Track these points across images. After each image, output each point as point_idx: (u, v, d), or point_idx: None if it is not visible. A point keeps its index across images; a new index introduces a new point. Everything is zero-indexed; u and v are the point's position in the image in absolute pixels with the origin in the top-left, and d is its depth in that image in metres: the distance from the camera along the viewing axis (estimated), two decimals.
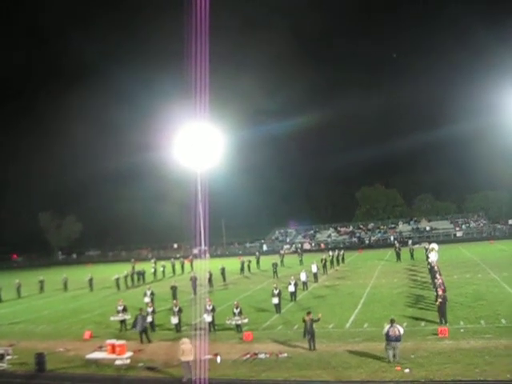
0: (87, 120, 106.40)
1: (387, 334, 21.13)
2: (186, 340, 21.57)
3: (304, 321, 24.04)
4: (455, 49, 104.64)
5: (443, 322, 26.09)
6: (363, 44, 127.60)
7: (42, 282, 54.29)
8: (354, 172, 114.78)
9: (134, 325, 28.26)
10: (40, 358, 23.62)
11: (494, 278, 40.66)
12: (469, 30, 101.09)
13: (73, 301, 46.41)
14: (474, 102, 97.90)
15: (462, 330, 25.11)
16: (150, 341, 27.59)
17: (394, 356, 20.91)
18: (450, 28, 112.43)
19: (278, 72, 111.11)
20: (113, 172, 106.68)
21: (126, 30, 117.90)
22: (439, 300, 26.46)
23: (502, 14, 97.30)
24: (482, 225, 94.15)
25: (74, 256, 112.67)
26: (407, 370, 19.90)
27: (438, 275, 33.59)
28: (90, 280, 52.44)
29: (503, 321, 26.28)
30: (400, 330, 21.22)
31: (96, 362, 24.18)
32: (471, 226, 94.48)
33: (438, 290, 27.49)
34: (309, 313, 24.45)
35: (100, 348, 25.69)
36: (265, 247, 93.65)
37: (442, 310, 26.43)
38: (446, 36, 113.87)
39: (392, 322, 21.42)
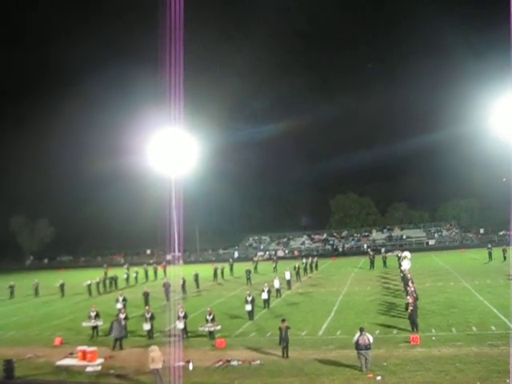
0: (61, 124, 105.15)
1: (357, 343, 21.21)
2: (154, 347, 21.39)
3: (279, 328, 23.99)
4: (428, 60, 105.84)
5: (415, 329, 26.26)
6: (340, 51, 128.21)
7: (12, 287, 53.51)
8: (328, 180, 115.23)
9: (110, 331, 28.00)
10: (8, 365, 23.18)
11: (466, 286, 41.10)
12: (442, 41, 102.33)
13: (44, 306, 45.83)
14: (446, 112, 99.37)
15: (433, 338, 25.30)
16: (121, 348, 27.32)
17: (366, 363, 20.96)
18: (424, 38, 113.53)
19: (254, 77, 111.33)
20: (87, 177, 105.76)
21: (100, 34, 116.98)
22: (410, 308, 26.63)
23: (475, 25, 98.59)
24: (454, 233, 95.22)
25: (46, 261, 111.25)
26: (379, 378, 19.98)
27: (410, 283, 33.85)
28: (62, 285, 51.84)
29: (474, 328, 26.55)
30: (369, 338, 21.27)
31: (66, 368, 23.88)
32: (443, 234, 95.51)
33: (409, 298, 27.67)
34: (283, 320, 24.42)
35: (71, 354, 25.39)
36: (236, 254, 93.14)
37: (413, 318, 26.60)
38: (420, 46, 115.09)
39: (361, 330, 21.51)
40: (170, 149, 57.11)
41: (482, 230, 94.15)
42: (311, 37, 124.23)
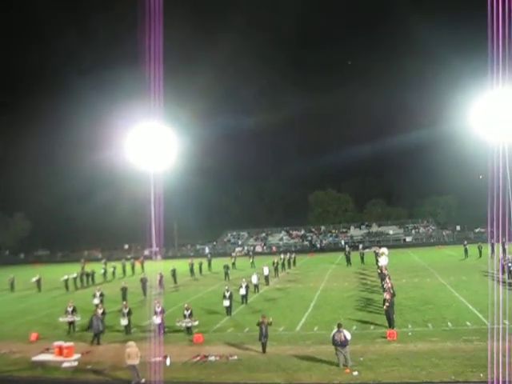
0: (39, 119, 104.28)
1: (333, 339, 21.31)
2: (131, 343, 21.35)
3: (259, 324, 24.03)
4: (409, 57, 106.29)
5: (391, 325, 26.47)
6: (322, 46, 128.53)
7: None
8: (307, 176, 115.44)
9: (90, 326, 27.85)
10: None
11: (442, 282, 41.49)
12: (423, 40, 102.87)
13: (20, 302, 45.43)
14: (425, 111, 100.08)
15: (409, 333, 25.54)
16: (99, 343, 27.19)
17: (346, 360, 21.06)
18: (404, 34, 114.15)
19: (234, 72, 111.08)
20: (65, 170, 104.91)
21: (79, 27, 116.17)
22: (386, 304, 26.84)
23: (455, 25, 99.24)
24: (430, 230, 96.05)
25: (22, 256, 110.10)
26: (356, 373, 20.13)
27: (387, 279, 34.05)
28: (38, 280, 51.44)
29: (449, 324, 26.85)
30: (346, 335, 21.35)
31: (42, 364, 23.71)
32: (420, 231, 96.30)
33: (386, 294, 27.88)
34: (263, 316, 24.47)
35: (47, 350, 25.22)
36: (207, 250, 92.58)
37: (389, 314, 26.81)
38: (400, 43, 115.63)
39: (339, 326, 21.58)
40: (149, 143, 56.91)
41: (458, 227, 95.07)
42: (296, 32, 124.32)
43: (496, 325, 24.29)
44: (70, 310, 30.85)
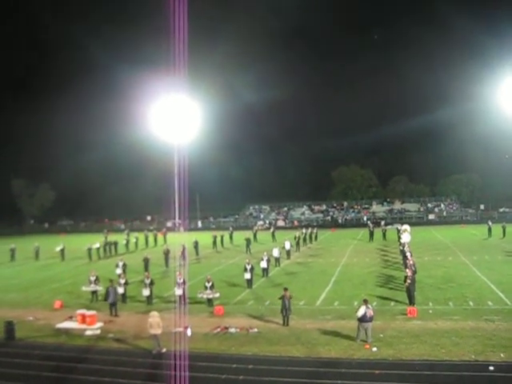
0: (64, 92, 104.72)
1: (364, 315, 21.22)
2: (154, 313, 21.60)
3: (281, 297, 24.13)
4: (433, 36, 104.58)
5: (412, 302, 26.42)
6: (348, 24, 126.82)
7: (12, 250, 53.83)
8: (331, 151, 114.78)
9: (107, 297, 28.20)
10: (9, 326, 23.50)
11: (464, 261, 41.27)
12: (446, 17, 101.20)
13: (44, 270, 46.15)
14: (448, 89, 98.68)
15: (430, 311, 25.50)
16: (116, 315, 27.40)
17: (367, 336, 21.09)
18: (428, 14, 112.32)
19: (258, 45, 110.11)
20: (89, 142, 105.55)
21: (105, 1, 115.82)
22: (408, 281, 26.75)
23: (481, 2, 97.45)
24: (454, 209, 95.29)
25: (46, 225, 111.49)
26: (375, 349, 20.18)
27: (409, 256, 33.98)
28: (62, 250, 52.10)
29: (471, 303, 26.74)
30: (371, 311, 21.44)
31: (66, 331, 24.16)
32: (443, 209, 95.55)
33: (407, 270, 27.80)
34: (286, 289, 24.55)
35: (70, 318, 25.66)
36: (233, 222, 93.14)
37: (410, 291, 26.74)
38: (424, 22, 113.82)
39: (366, 302, 21.52)
40: (173, 116, 57.01)
41: (482, 206, 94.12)
42: (317, 7, 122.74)
43: None
44: (92, 279, 31.26)
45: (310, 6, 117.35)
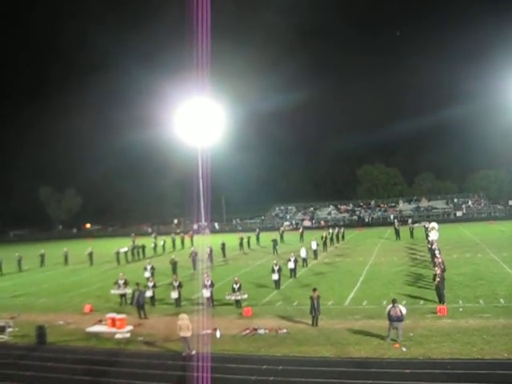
0: (89, 96, 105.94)
1: (389, 314, 21.15)
2: (183, 316, 21.68)
3: (311, 297, 24.08)
4: (456, 31, 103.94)
5: (441, 300, 26.17)
6: (366, 23, 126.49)
7: (42, 256, 54.42)
8: (355, 150, 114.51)
9: (132, 300, 28.40)
10: (41, 331, 23.81)
11: (494, 258, 40.74)
12: (469, 12, 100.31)
13: (73, 274, 46.62)
14: (474, 83, 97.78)
15: (460, 309, 25.22)
16: (145, 317, 27.56)
17: (397, 335, 20.96)
18: (451, 10, 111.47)
19: (281, 47, 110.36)
20: (114, 147, 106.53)
21: (125, 3, 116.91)
22: (437, 279, 26.51)
23: None
24: (482, 205, 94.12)
25: (74, 230, 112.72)
26: (404, 349, 20.01)
27: (438, 254, 33.65)
28: (90, 254, 52.56)
29: (502, 300, 26.39)
30: (402, 309, 21.22)
31: (96, 335, 24.35)
32: (471, 205, 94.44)
33: (436, 269, 27.55)
34: (315, 289, 24.48)
35: (100, 322, 25.84)
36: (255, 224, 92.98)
37: (439, 289, 26.50)
38: (446, 18, 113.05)
39: (394, 302, 21.42)
40: (197, 119, 57.19)
41: (510, 202, 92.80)
42: (338, 9, 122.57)
43: None
44: (121, 282, 31.48)
45: (328, 7, 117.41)
